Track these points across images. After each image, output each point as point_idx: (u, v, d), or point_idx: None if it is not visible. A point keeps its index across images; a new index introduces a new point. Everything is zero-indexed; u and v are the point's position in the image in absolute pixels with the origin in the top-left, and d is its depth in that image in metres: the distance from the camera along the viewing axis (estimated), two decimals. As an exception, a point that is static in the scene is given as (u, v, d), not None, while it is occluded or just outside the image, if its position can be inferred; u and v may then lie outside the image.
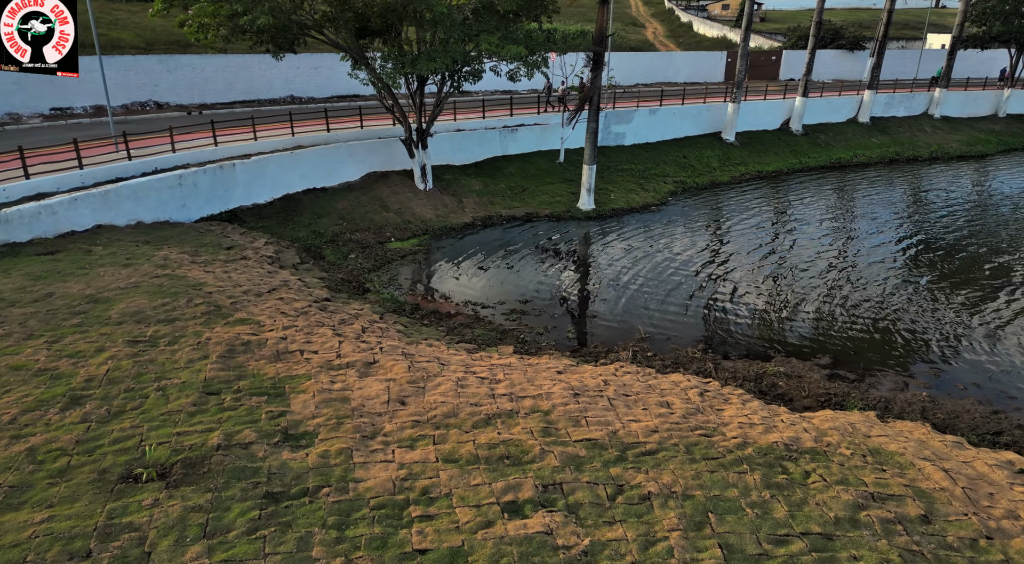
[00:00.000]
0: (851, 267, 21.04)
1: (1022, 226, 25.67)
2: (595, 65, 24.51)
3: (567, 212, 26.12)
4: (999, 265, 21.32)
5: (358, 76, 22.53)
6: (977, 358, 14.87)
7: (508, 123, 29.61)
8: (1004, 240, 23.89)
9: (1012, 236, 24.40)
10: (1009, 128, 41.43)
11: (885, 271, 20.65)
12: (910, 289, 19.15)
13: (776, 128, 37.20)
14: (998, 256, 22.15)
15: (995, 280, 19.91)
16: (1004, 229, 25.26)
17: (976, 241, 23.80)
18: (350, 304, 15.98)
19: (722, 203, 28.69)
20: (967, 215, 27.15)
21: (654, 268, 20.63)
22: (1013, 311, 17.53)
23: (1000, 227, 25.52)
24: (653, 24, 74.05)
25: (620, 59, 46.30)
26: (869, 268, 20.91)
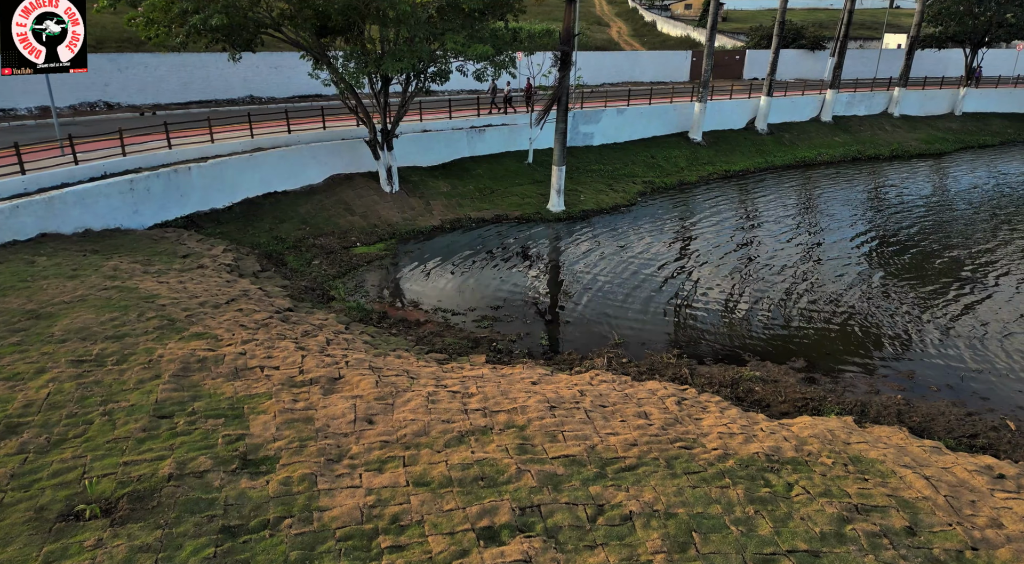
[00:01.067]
0: (818, 266, 21.11)
1: (981, 223, 26.16)
2: (563, 65, 24.19)
3: (537, 214, 25.76)
4: (961, 263, 21.63)
5: (319, 76, 21.80)
6: (948, 357, 14.94)
7: (475, 123, 29.13)
8: (963, 237, 24.29)
9: (972, 233, 24.83)
10: (965, 126, 42.45)
11: (851, 270, 20.76)
12: (875, 288, 19.26)
13: (742, 127, 37.44)
14: (959, 253, 22.49)
15: (959, 278, 20.17)
16: (966, 226, 25.70)
17: (936, 239, 24.16)
18: (314, 314, 15.35)
19: (691, 203, 28.66)
20: (930, 213, 27.59)
21: (625, 270, 20.39)
22: (978, 309, 17.72)
23: (963, 225, 25.96)
24: (617, 23, 74.31)
25: (586, 58, 46.14)
26: (835, 267, 21.01)
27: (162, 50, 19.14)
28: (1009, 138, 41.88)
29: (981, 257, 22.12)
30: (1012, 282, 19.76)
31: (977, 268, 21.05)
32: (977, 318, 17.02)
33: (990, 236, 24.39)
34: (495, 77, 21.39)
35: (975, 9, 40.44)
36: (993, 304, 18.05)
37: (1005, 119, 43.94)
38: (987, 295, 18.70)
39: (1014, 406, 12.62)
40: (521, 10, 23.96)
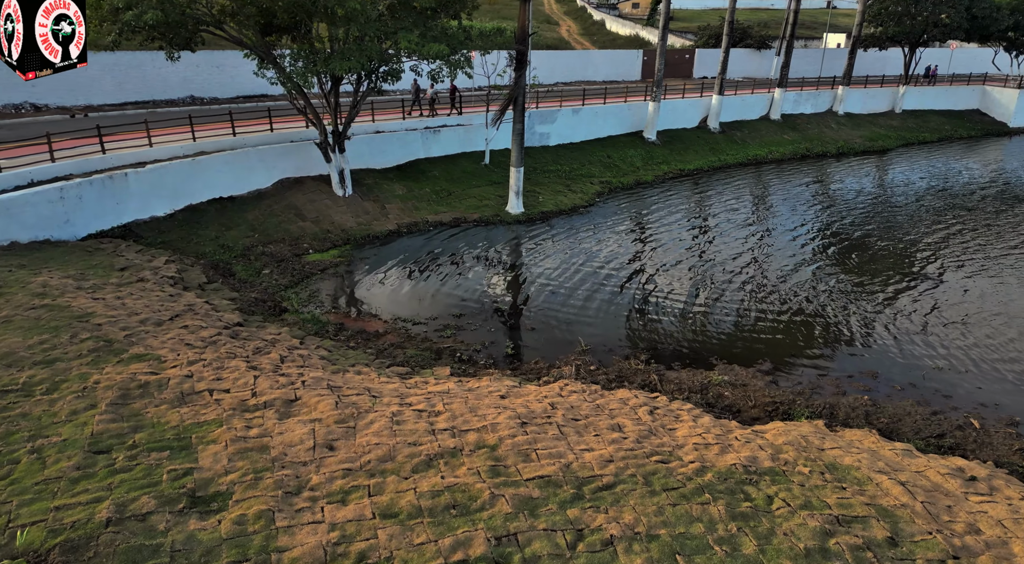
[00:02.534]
0: (774, 264, 21.29)
1: (926, 218, 26.92)
2: (518, 65, 23.78)
3: (496, 216, 25.29)
4: (912, 258, 22.14)
5: (265, 75, 20.79)
6: (908, 355, 15.13)
7: (430, 124, 28.47)
8: (911, 232, 24.93)
9: (918, 228, 25.51)
10: (905, 123, 43.89)
11: (807, 268, 21.00)
12: (831, 285, 19.50)
13: (695, 126, 37.77)
14: (908, 249, 23.04)
15: (911, 274, 20.61)
16: (913, 222, 26.40)
17: (886, 234, 24.72)
18: (266, 328, 14.53)
19: (648, 203, 28.67)
20: (878, 209, 28.27)
21: (587, 273, 20.13)
22: (932, 305, 18.07)
23: (910, 221, 26.66)
24: (567, 22, 74.53)
25: (539, 58, 45.88)
26: (791, 265, 21.22)
27: (93, 49, 17.87)
28: (946, 134, 43.49)
29: (930, 251, 22.70)
30: (960, 277, 20.29)
31: (927, 263, 21.57)
32: (932, 314, 17.34)
33: (935, 230, 25.09)
34: (451, 77, 20.79)
35: (912, 10, 41.79)
36: (945, 299, 18.46)
37: (942, 116, 45.63)
38: (939, 290, 19.13)
39: (975, 403, 12.80)
40: (475, 7, 23.44)
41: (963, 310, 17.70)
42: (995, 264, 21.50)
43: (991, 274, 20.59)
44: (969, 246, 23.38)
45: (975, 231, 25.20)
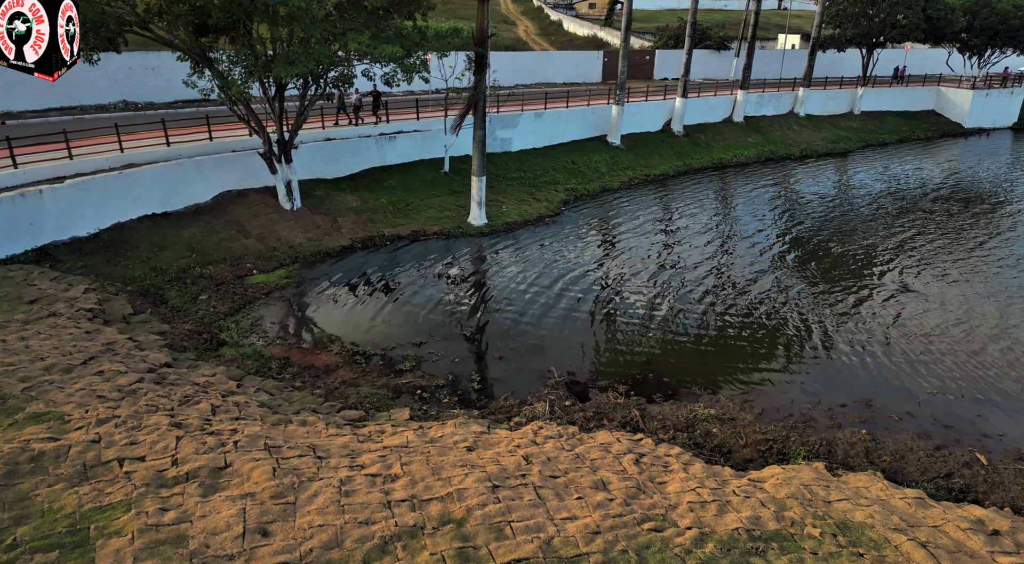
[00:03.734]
0: (746, 275, 20.41)
1: (900, 221, 26.52)
2: (478, 67, 22.39)
3: (457, 228, 23.85)
4: (889, 265, 21.55)
5: (195, 84, 18.70)
6: (899, 377, 14.29)
7: (385, 130, 26.85)
8: (885, 236, 24.43)
9: (893, 232, 25.05)
10: (864, 125, 43.99)
11: (783, 282, 20.19)
12: (809, 298, 18.69)
13: (658, 129, 36.96)
14: (884, 255, 22.48)
15: (890, 284, 19.96)
16: (887, 225, 25.95)
17: (859, 239, 24.17)
18: (198, 369, 12.83)
19: (615, 211, 27.61)
20: (847, 213, 27.79)
21: (557, 290, 18.89)
22: (917, 320, 17.37)
23: (883, 225, 26.21)
24: (524, 22, 73.47)
25: (498, 59, 44.54)
26: (764, 278, 20.38)
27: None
28: (904, 136, 43.74)
29: (910, 259, 22.17)
30: (935, 285, 19.72)
31: (906, 271, 20.98)
32: (919, 332, 16.60)
33: (912, 234, 24.66)
34: (407, 80, 19.26)
35: (868, 11, 41.88)
36: (930, 312, 17.79)
37: (899, 117, 45.94)
38: (921, 302, 18.47)
39: (978, 434, 11.96)
40: (430, 7, 22.00)
41: (945, 322, 17.05)
42: (961, 270, 21.04)
43: (961, 280, 20.10)
44: (938, 254, 22.95)
45: (944, 237, 24.85)
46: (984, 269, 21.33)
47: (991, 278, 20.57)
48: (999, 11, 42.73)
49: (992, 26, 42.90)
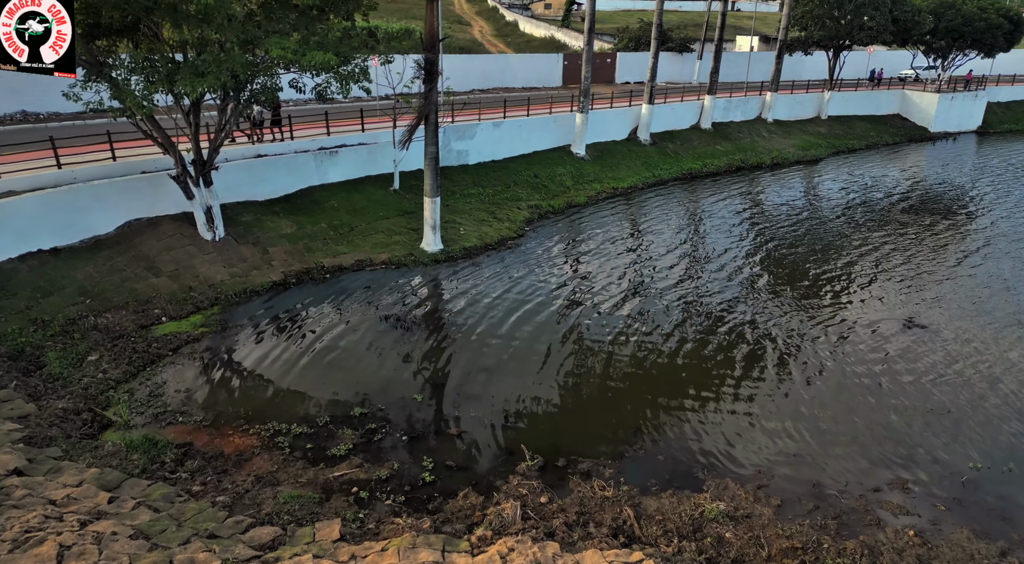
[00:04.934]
0: (729, 310, 18.25)
1: (871, 238, 24.84)
2: (428, 76, 19.68)
3: (409, 256, 21.08)
4: (878, 292, 19.67)
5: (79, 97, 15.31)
6: (927, 444, 12.18)
7: (325, 144, 23.88)
8: (860, 255, 22.65)
9: (888, 251, 23.30)
10: (832, 130, 42.72)
11: (762, 310, 18.09)
12: (798, 337, 16.59)
13: (624, 138, 34.78)
14: (867, 277, 20.64)
15: (886, 314, 18.04)
16: (860, 243, 24.20)
17: (836, 260, 22.32)
18: (62, 473, 9.83)
19: (584, 231, 25.22)
20: (824, 228, 26.02)
21: (527, 334, 16.34)
22: (925, 366, 15.39)
23: (856, 241, 24.45)
24: (479, 22, 70.97)
25: (452, 62, 41.84)
26: (744, 306, 18.28)
27: None
28: (872, 141, 42.62)
29: (893, 280, 20.35)
30: (939, 315, 17.88)
31: (895, 296, 19.13)
32: (933, 379, 14.61)
33: (889, 250, 22.94)
34: (341, 93, 16.42)
35: (835, 13, 40.60)
36: (935, 351, 15.87)
37: (866, 121, 44.88)
38: (922, 339, 16.56)
39: (1046, 530, 9.85)
40: (372, 6, 19.22)
41: (959, 366, 15.14)
42: (952, 295, 19.32)
43: (956, 308, 18.33)
44: (922, 275, 21.24)
45: (924, 254, 23.21)
46: (977, 292, 19.65)
47: (987, 303, 18.89)
48: (964, 13, 41.99)
49: (957, 28, 42.14)
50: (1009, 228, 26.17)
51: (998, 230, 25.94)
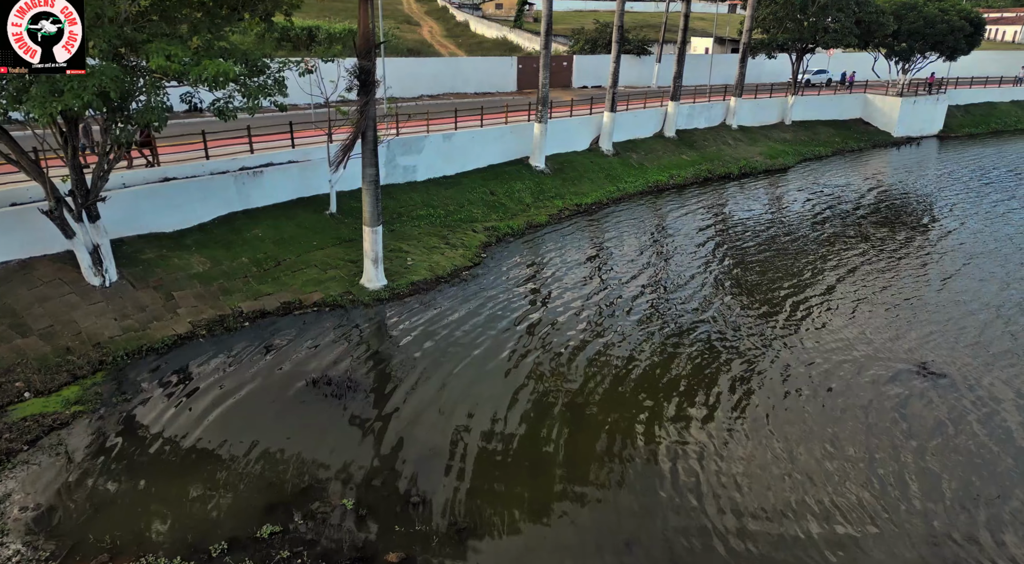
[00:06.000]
0: (712, 364, 15.92)
1: (845, 256, 22.97)
2: (363, 86, 16.75)
3: (347, 295, 18.10)
4: (867, 329, 17.66)
5: None
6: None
7: (248, 163, 20.67)
8: (839, 278, 20.71)
9: (845, 273, 21.38)
10: (798, 136, 41.24)
11: (758, 359, 15.82)
12: (794, 398, 14.35)
13: (586, 148, 32.36)
14: (849, 304, 18.65)
15: (886, 361, 15.98)
16: (835, 264, 22.28)
17: (814, 284, 20.32)
18: None
19: (547, 255, 22.61)
20: (796, 245, 24.06)
21: (491, 398, 13.62)
22: (958, 441, 13.30)
23: (832, 259, 22.53)
24: (428, 22, 68.02)
25: (399, 66, 38.86)
26: (731, 358, 15.97)
27: None
28: (838, 147, 41.27)
29: (879, 310, 18.38)
30: (943, 357, 15.90)
31: (888, 331, 17.13)
32: (970, 458, 12.48)
33: (867, 272, 21.06)
34: (248, 110, 13.36)
35: (798, 15, 39.11)
36: (955, 420, 13.78)
37: (829, 127, 43.58)
38: (933, 394, 14.49)
39: None
40: (295, 5, 16.22)
41: (983, 434, 13.08)
42: (949, 326, 17.47)
43: (960, 350, 16.44)
44: (907, 305, 19.37)
45: (903, 275, 21.42)
46: (965, 322, 17.84)
47: (985, 332, 17.09)
48: (925, 15, 41.04)
49: (919, 30, 41.16)
50: (982, 244, 24.65)
51: (976, 247, 24.35)
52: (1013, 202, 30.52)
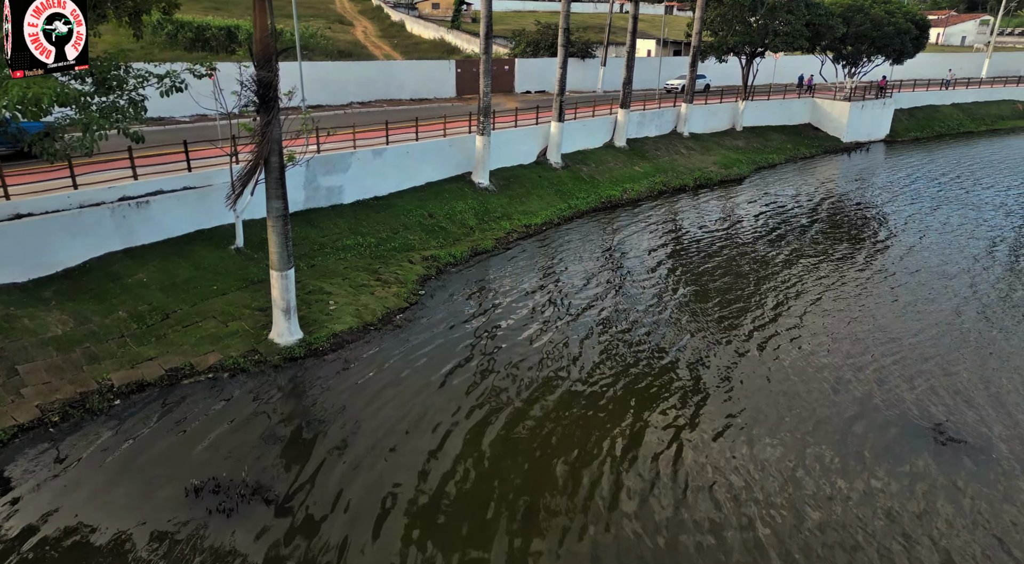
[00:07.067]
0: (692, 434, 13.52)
1: (811, 278, 21.13)
2: (263, 102, 13.55)
3: (253, 354, 14.85)
4: (848, 372, 15.63)
5: None
6: None
7: (131, 191, 17.13)
8: (809, 308, 18.78)
9: (814, 299, 19.48)
10: (750, 143, 39.71)
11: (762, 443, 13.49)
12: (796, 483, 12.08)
13: (533, 161, 29.75)
14: (823, 339, 16.64)
15: (885, 415, 13.91)
16: (801, 288, 20.36)
17: (782, 314, 18.30)
18: None
19: (494, 289, 19.83)
20: (758, 267, 22.09)
21: (433, 503, 10.72)
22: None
23: (802, 282, 20.62)
24: (362, 22, 64.36)
25: (325, 70, 35.39)
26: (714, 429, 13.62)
27: None
28: (791, 154, 39.97)
29: (864, 351, 16.43)
30: (950, 408, 13.93)
31: (870, 371, 15.13)
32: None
33: (838, 297, 19.22)
34: (87, 147, 10.06)
35: (748, 17, 37.57)
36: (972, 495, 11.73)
37: (780, 132, 42.30)
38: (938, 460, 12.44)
39: None
40: (174, 3, 12.99)
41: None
42: (946, 372, 15.65)
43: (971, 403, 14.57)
44: (900, 356, 17.55)
45: (884, 299, 19.67)
46: (958, 357, 16.06)
47: (987, 361, 15.30)
48: (872, 17, 40.19)
49: (866, 32, 40.28)
50: (949, 263, 23.28)
51: (940, 265, 22.93)
52: (970, 211, 29.53)
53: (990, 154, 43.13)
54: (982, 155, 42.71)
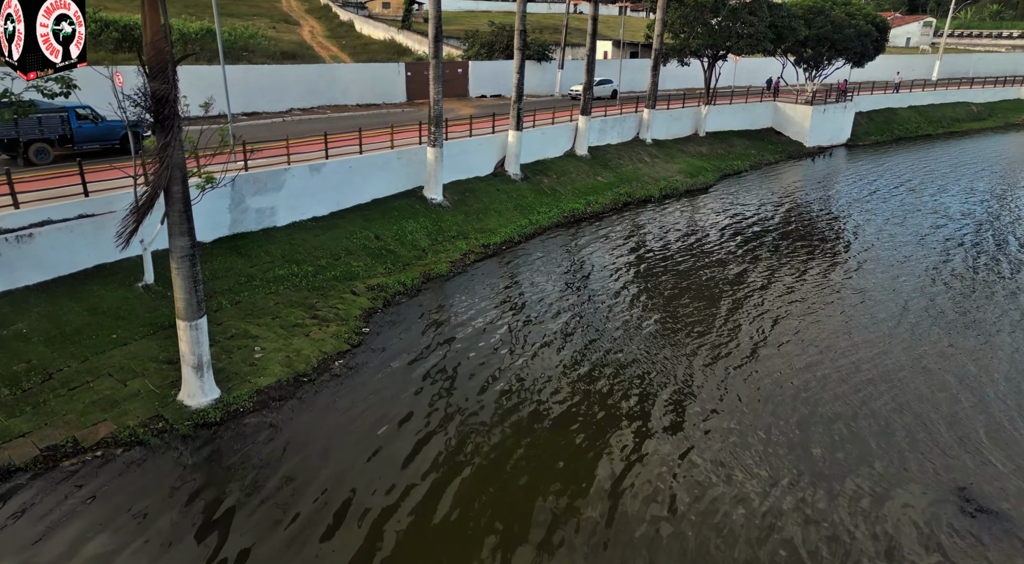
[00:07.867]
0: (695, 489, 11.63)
1: (786, 305, 19.63)
2: (159, 121, 11.06)
3: (156, 421, 12.32)
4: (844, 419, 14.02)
5: None
6: None
7: (10, 223, 14.36)
8: (792, 339, 17.22)
9: (791, 328, 17.95)
10: (714, 150, 38.37)
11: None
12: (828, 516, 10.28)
13: (490, 173, 27.62)
14: (804, 378, 15.04)
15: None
16: (775, 314, 18.81)
17: (762, 345, 16.67)
18: None
19: (451, 323, 17.63)
20: (732, 287, 20.49)
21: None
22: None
23: (776, 306, 19.07)
24: (309, 22, 61.34)
25: (262, 75, 32.60)
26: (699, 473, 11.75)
27: None
28: (755, 160, 38.79)
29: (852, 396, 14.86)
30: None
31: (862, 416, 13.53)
32: None
33: (813, 320, 17.72)
34: None
35: (710, 19, 36.20)
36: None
37: (743, 137, 41.13)
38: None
39: None
40: None
41: None
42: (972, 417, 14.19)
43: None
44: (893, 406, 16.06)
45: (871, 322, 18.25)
46: (957, 391, 14.64)
47: (989, 390, 13.86)
48: (833, 19, 39.34)
49: (827, 35, 39.40)
50: (925, 283, 22.13)
51: (916, 283, 21.75)
52: (943, 220, 28.64)
53: (949, 158, 42.79)
54: (942, 159, 42.35)
